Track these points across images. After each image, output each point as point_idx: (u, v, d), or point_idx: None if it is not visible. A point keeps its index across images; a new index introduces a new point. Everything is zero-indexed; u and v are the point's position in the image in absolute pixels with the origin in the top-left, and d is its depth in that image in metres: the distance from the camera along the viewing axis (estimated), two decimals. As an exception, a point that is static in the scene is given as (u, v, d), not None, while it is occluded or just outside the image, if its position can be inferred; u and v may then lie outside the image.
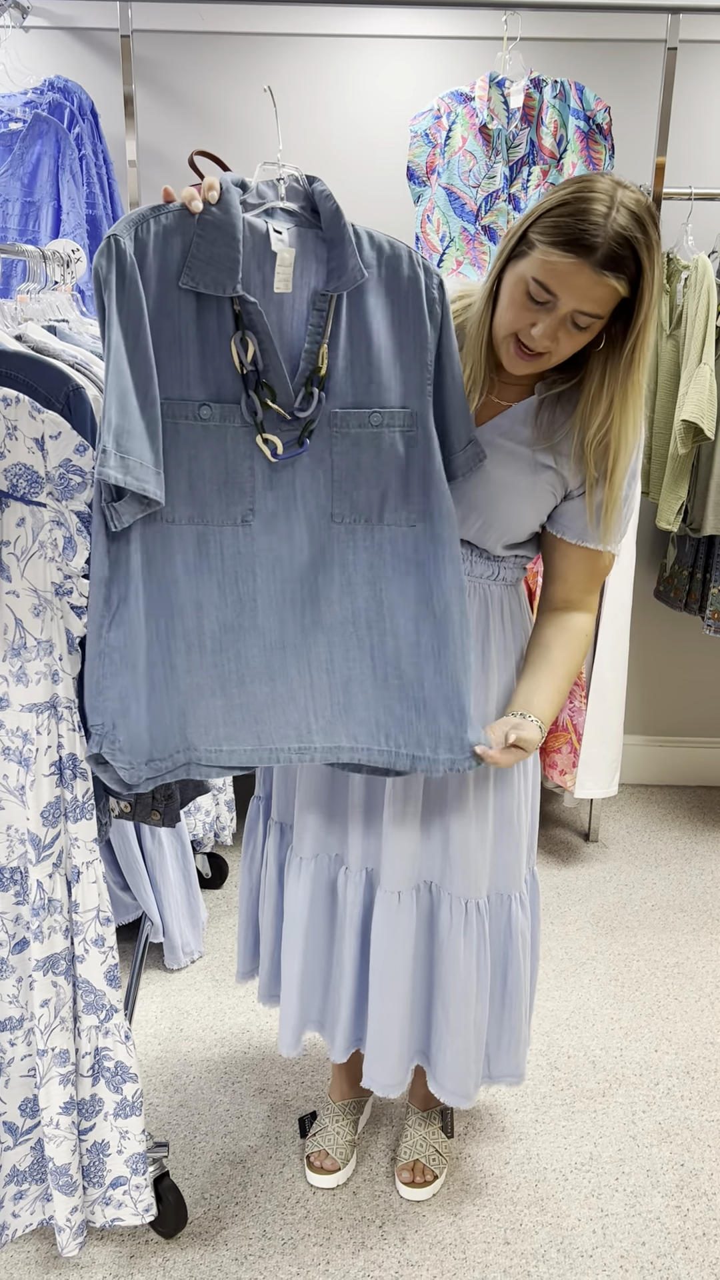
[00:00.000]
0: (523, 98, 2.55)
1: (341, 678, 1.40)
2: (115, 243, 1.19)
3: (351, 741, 1.42)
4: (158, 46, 2.84)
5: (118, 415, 1.20)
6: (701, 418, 2.58)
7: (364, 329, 1.31)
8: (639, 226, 1.26)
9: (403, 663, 1.39)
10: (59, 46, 2.83)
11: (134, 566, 1.28)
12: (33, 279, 1.76)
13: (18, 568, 1.29)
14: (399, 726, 1.41)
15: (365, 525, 1.37)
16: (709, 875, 2.88)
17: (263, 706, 1.39)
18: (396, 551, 1.38)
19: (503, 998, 1.63)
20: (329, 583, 1.37)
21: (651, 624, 3.29)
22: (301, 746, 1.42)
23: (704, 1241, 1.68)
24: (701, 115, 2.91)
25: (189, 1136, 1.88)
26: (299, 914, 1.59)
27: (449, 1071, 1.60)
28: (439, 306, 1.33)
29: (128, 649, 1.29)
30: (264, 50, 2.85)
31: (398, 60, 2.86)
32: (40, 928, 1.36)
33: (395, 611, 1.39)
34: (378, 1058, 1.60)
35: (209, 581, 1.34)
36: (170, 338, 1.25)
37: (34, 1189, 1.50)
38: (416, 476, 1.37)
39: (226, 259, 1.23)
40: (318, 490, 1.35)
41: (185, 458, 1.30)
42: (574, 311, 1.30)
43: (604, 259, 1.25)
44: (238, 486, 1.32)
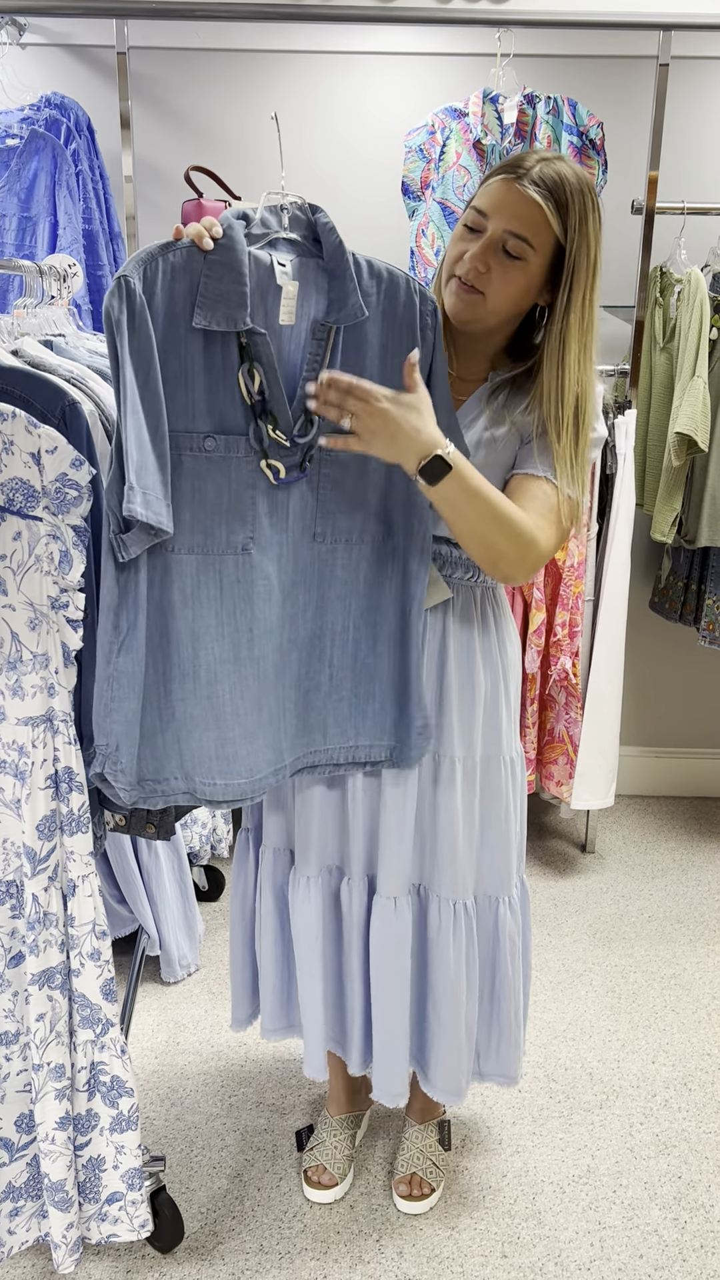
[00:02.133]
0: (516, 113, 2.57)
1: (305, 689, 1.45)
2: (126, 283, 1.21)
3: (309, 745, 1.47)
4: (154, 63, 2.86)
5: (137, 452, 1.23)
6: (695, 430, 2.59)
7: (359, 356, 1.34)
8: (575, 177, 1.36)
9: (357, 665, 1.46)
10: (56, 63, 2.85)
11: (141, 595, 1.31)
12: (29, 294, 1.78)
13: (14, 581, 1.30)
14: (345, 721, 1.47)
15: (345, 545, 1.41)
16: (705, 886, 2.88)
17: (253, 736, 1.40)
18: (371, 567, 1.43)
19: (491, 996, 1.65)
20: (307, 602, 1.42)
21: (647, 635, 3.30)
22: (277, 768, 1.45)
23: (701, 1254, 1.68)
24: (694, 130, 2.93)
25: (186, 1150, 1.87)
26: (311, 932, 1.58)
27: (441, 1069, 1.62)
28: (430, 332, 1.36)
29: (135, 675, 1.32)
30: (260, 67, 2.87)
31: (393, 76, 2.88)
32: (36, 941, 1.36)
33: (360, 622, 1.44)
34: (385, 1065, 1.61)
35: (207, 612, 1.35)
36: (177, 372, 1.28)
37: (30, 1205, 1.50)
38: (398, 496, 1.41)
39: (235, 294, 1.25)
40: (305, 513, 1.38)
41: (189, 489, 1.31)
42: (505, 233, 1.36)
43: (533, 179, 1.34)
44: (239, 516, 1.34)
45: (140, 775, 1.37)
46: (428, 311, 1.36)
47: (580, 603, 2.76)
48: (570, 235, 1.36)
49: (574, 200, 1.35)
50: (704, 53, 2.85)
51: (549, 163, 1.36)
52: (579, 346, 1.40)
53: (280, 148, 1.41)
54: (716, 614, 2.86)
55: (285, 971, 1.67)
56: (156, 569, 1.32)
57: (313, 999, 1.60)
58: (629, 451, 2.68)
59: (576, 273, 1.37)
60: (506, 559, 1.36)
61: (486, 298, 1.39)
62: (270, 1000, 1.68)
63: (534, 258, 1.37)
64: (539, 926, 2.64)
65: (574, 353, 1.40)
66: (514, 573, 1.40)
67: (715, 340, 2.69)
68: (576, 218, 1.35)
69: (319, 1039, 1.63)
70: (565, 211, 1.35)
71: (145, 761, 1.37)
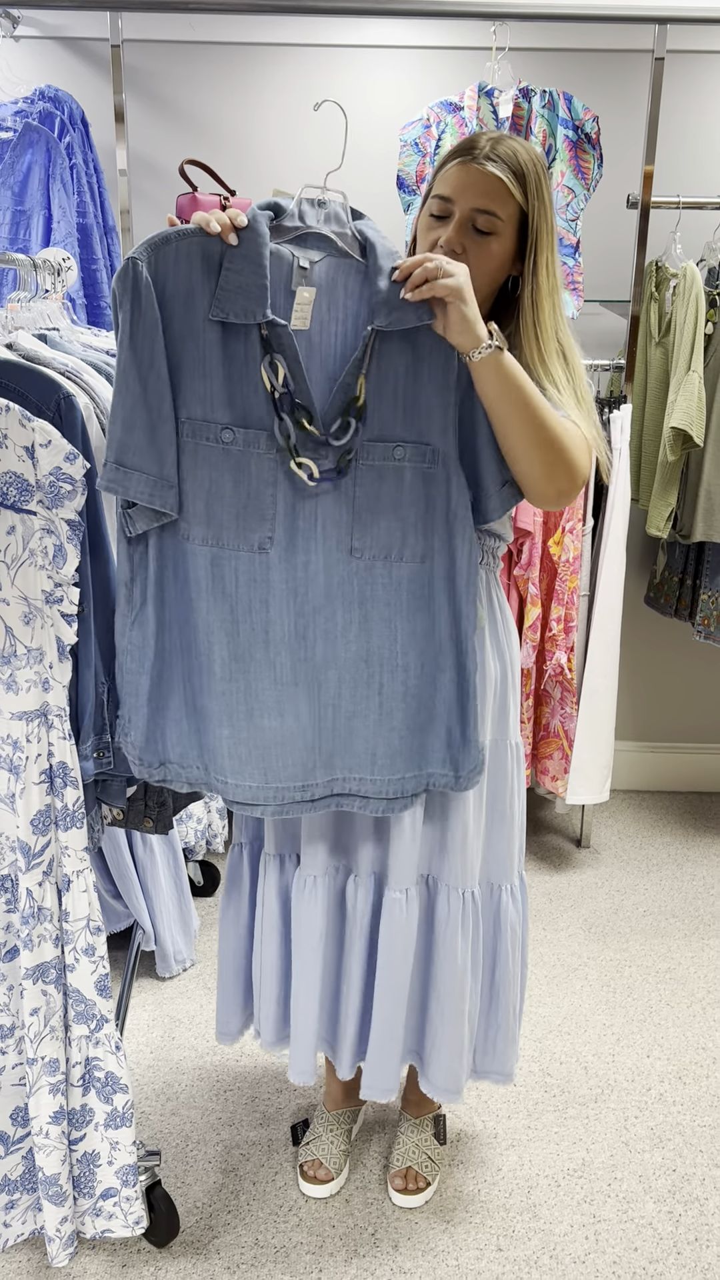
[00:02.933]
0: (511, 107, 2.56)
1: (347, 713, 1.41)
2: (133, 265, 1.21)
3: (346, 773, 1.43)
4: (148, 56, 2.85)
5: (122, 431, 1.25)
6: (690, 425, 2.59)
7: (393, 362, 1.31)
8: (525, 149, 1.42)
9: (408, 696, 1.41)
10: (49, 56, 2.84)
11: (151, 574, 1.33)
12: (23, 287, 1.77)
13: (8, 576, 1.29)
14: (395, 755, 1.43)
15: (384, 563, 1.36)
16: (700, 881, 2.89)
17: (271, 743, 1.38)
18: (414, 590, 1.38)
19: (491, 991, 1.64)
20: (349, 621, 1.37)
21: (642, 630, 3.30)
22: (305, 784, 1.42)
23: (696, 1247, 1.68)
24: (689, 125, 2.93)
25: (181, 1145, 1.87)
26: (314, 936, 1.56)
27: (442, 1067, 1.61)
28: None
29: (144, 651, 1.35)
30: (254, 60, 2.86)
31: (387, 70, 2.88)
32: (30, 936, 1.36)
33: (408, 649, 1.40)
34: (379, 1064, 1.59)
35: (221, 606, 1.34)
36: (195, 359, 1.27)
37: (25, 1199, 1.50)
38: (438, 513, 1.37)
39: (255, 287, 1.24)
40: (339, 523, 1.34)
41: (205, 479, 1.30)
42: (471, 211, 1.39)
43: (486, 155, 1.39)
44: (258, 513, 1.32)
45: (165, 756, 1.40)
46: None
47: (576, 598, 2.76)
48: (531, 203, 1.41)
49: (529, 170, 1.40)
50: (700, 47, 2.85)
51: (498, 140, 1.41)
52: (550, 305, 1.44)
53: (345, 139, 1.43)
54: (711, 609, 2.86)
55: (286, 980, 1.64)
56: (172, 555, 1.33)
57: (308, 1003, 1.58)
58: (624, 446, 2.68)
59: (539, 238, 1.42)
60: (561, 464, 1.34)
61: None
62: (272, 1012, 1.65)
63: (504, 229, 1.40)
64: (534, 921, 2.64)
65: (546, 311, 1.43)
66: (567, 484, 1.37)
67: (711, 335, 2.69)
68: (534, 186, 1.41)
69: (309, 1042, 1.60)
70: (524, 180, 1.40)
71: (171, 742, 1.40)
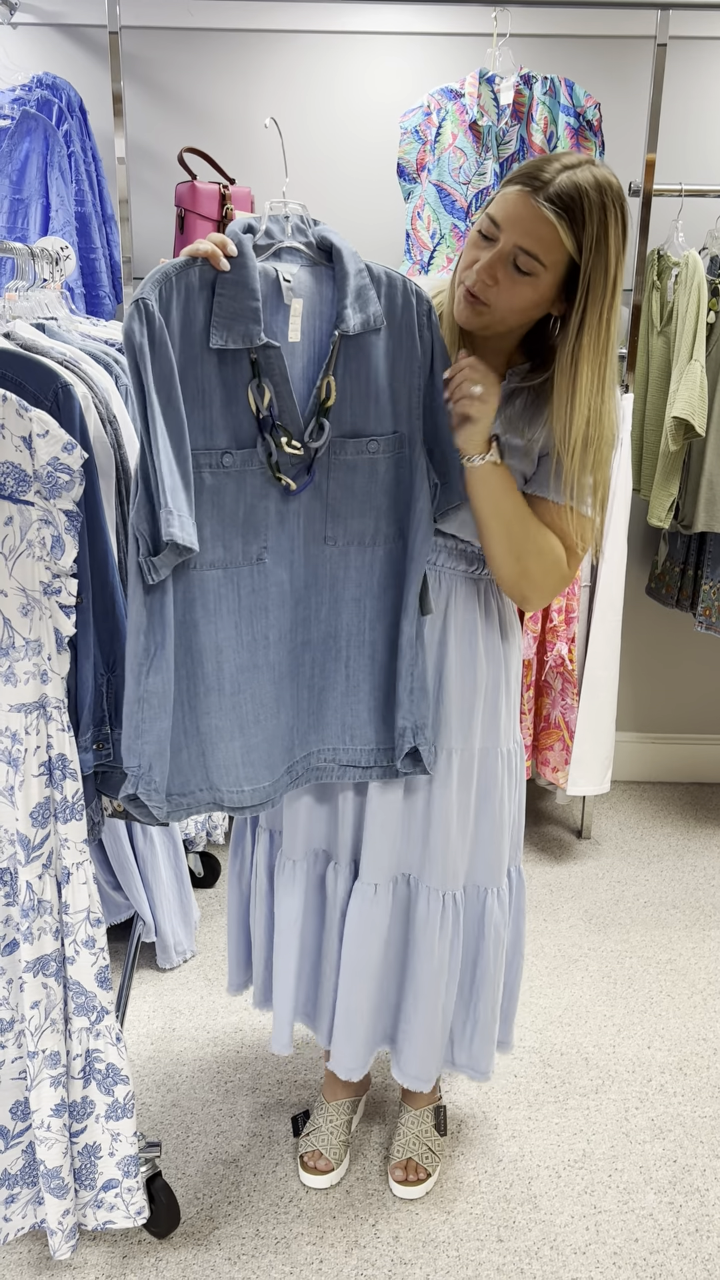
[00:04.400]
0: (513, 94, 2.54)
1: (319, 688, 1.46)
2: (145, 306, 1.20)
3: (320, 745, 1.49)
4: (146, 43, 2.83)
5: (169, 475, 1.23)
6: (692, 414, 2.58)
7: (364, 360, 1.34)
8: (597, 190, 1.27)
9: (375, 669, 1.46)
10: (47, 43, 2.82)
11: (168, 615, 1.31)
12: (21, 276, 1.75)
13: (5, 567, 1.29)
14: (365, 725, 1.48)
15: (359, 547, 1.41)
16: (701, 872, 2.89)
17: (272, 738, 1.43)
18: (384, 569, 1.43)
19: (471, 989, 1.66)
20: (320, 603, 1.42)
21: (643, 621, 3.29)
22: (290, 765, 1.47)
23: (696, 1237, 1.68)
24: (692, 111, 2.91)
25: (182, 1136, 1.87)
26: (292, 914, 1.60)
27: (413, 1057, 1.65)
28: (428, 331, 1.36)
29: (165, 694, 1.32)
30: (253, 47, 2.84)
31: (387, 57, 2.85)
32: (30, 929, 1.35)
33: (375, 624, 1.45)
34: (344, 1043, 1.63)
35: (227, 623, 1.36)
36: (195, 390, 1.28)
37: (25, 1192, 1.50)
38: (403, 495, 1.41)
39: (249, 311, 1.25)
40: (313, 516, 1.39)
41: (210, 504, 1.32)
42: (515, 248, 1.29)
43: (549, 195, 1.26)
44: (254, 527, 1.35)
45: (168, 791, 1.38)
46: (423, 312, 1.36)
47: (576, 588, 2.75)
48: (585, 254, 1.29)
49: (593, 216, 1.27)
50: (702, 32, 2.83)
51: (571, 171, 1.27)
52: (590, 370, 1.33)
53: (284, 154, 1.40)
54: (713, 599, 2.86)
55: (273, 948, 1.69)
56: (179, 587, 1.33)
57: (286, 975, 1.63)
58: (625, 436, 2.67)
59: (592, 291, 1.30)
60: (526, 582, 1.42)
61: (492, 308, 1.34)
62: (262, 974, 1.72)
63: (544, 274, 1.31)
64: (534, 912, 2.64)
65: (585, 375, 1.33)
66: (534, 594, 1.44)
67: (713, 324, 2.68)
68: (595, 234, 1.28)
69: (288, 1013, 1.65)
70: (581, 229, 1.27)
71: (172, 777, 1.38)
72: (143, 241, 2.91)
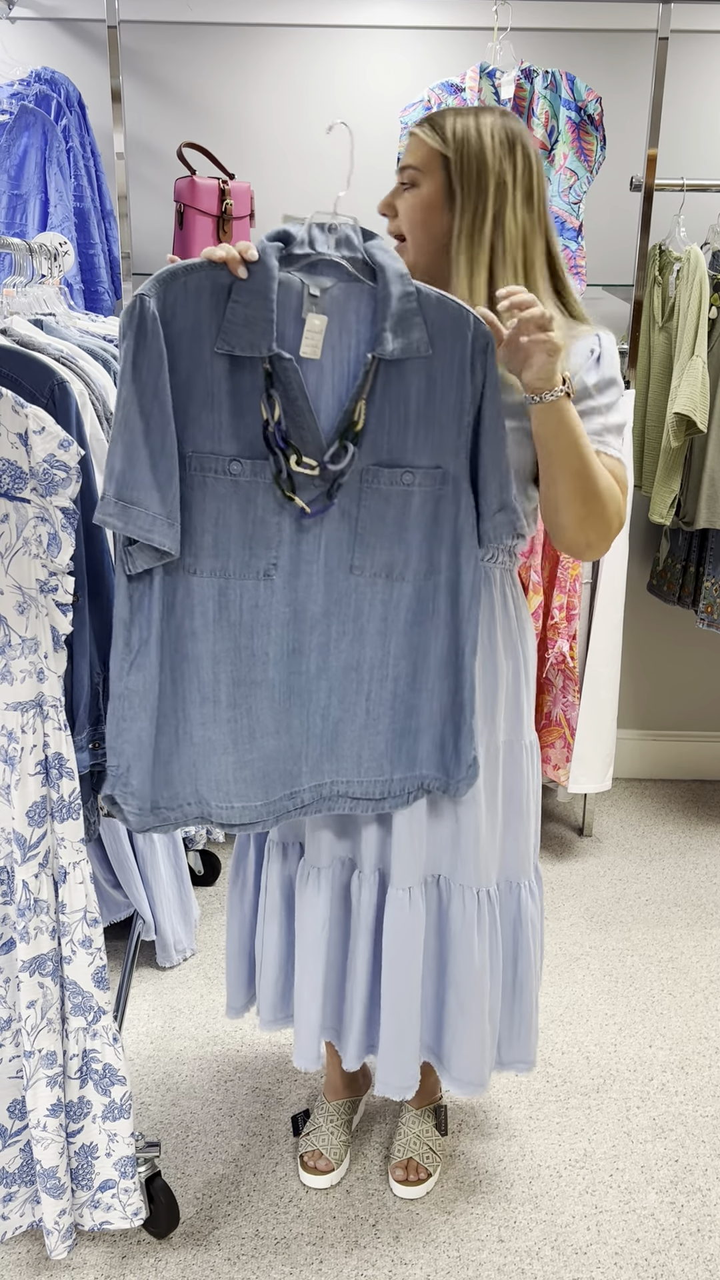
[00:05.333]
0: (514, 88, 2.53)
1: (335, 719, 1.41)
2: (140, 302, 1.20)
3: (333, 776, 1.44)
4: (145, 38, 2.82)
5: (122, 464, 1.22)
6: (694, 410, 2.57)
7: (405, 386, 1.30)
8: (471, 108, 1.40)
9: (397, 702, 1.42)
10: (46, 38, 2.81)
11: (154, 614, 1.29)
12: (19, 272, 1.75)
13: (1, 565, 1.28)
14: (380, 757, 1.44)
15: (385, 580, 1.36)
16: (703, 870, 2.88)
17: (270, 759, 1.40)
18: (412, 605, 1.38)
19: (514, 984, 1.62)
20: (341, 633, 1.38)
21: (645, 618, 3.28)
22: (293, 793, 1.43)
23: (698, 1237, 1.67)
24: (693, 106, 2.89)
25: (181, 1136, 1.87)
26: (317, 925, 1.55)
27: (464, 1062, 1.58)
28: (481, 367, 1.30)
29: (146, 694, 1.30)
30: (252, 41, 2.83)
31: (388, 51, 2.84)
32: (26, 928, 1.34)
33: (399, 659, 1.40)
34: (393, 1060, 1.57)
35: (226, 635, 1.33)
36: (203, 393, 1.26)
37: (23, 1191, 1.49)
38: (445, 534, 1.36)
39: (261, 320, 1.23)
40: (340, 543, 1.34)
41: (213, 511, 1.29)
42: (399, 175, 1.43)
43: (415, 125, 1.42)
44: (264, 541, 1.32)
45: (155, 801, 1.35)
46: (479, 347, 1.29)
47: (578, 585, 2.74)
48: (452, 145, 1.37)
49: (460, 117, 1.38)
50: (704, 26, 2.81)
51: (438, 112, 1.42)
52: (465, 258, 1.37)
53: (351, 159, 1.36)
54: (715, 596, 2.85)
55: (287, 964, 1.64)
56: (177, 590, 1.31)
57: (311, 989, 1.58)
58: (627, 432, 2.65)
59: (465, 176, 1.37)
60: (596, 519, 1.37)
61: (408, 241, 1.43)
62: (270, 993, 1.65)
63: (424, 180, 1.40)
64: (536, 910, 2.64)
65: (462, 263, 1.38)
66: (598, 539, 1.39)
67: (715, 319, 2.67)
68: (458, 129, 1.37)
69: (314, 1029, 1.60)
70: (442, 129, 1.38)
71: (159, 786, 1.35)
72: (142, 237, 2.90)
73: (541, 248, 1.41)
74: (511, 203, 1.38)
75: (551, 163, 2.59)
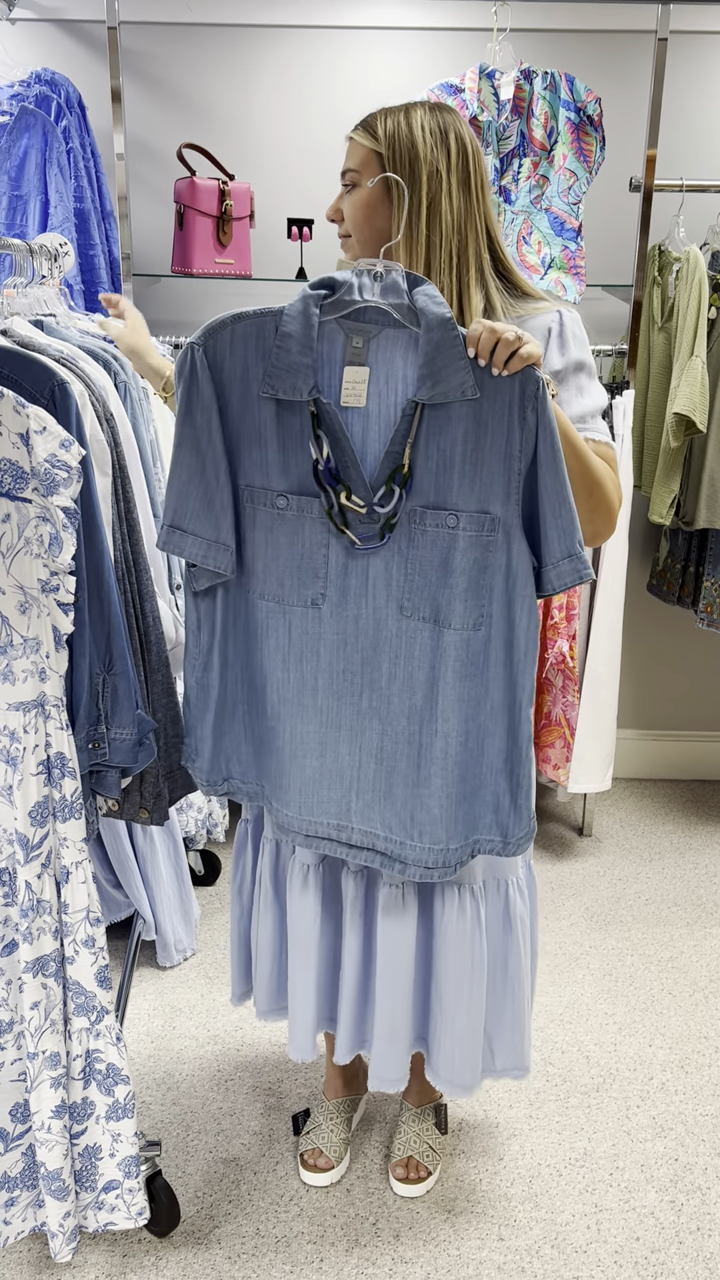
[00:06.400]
0: (513, 89, 2.53)
1: (388, 767, 1.43)
2: (191, 351, 1.31)
3: (386, 831, 1.45)
4: (145, 39, 2.82)
5: (177, 498, 1.35)
6: (694, 410, 2.57)
7: (451, 430, 1.30)
8: (400, 106, 1.43)
9: (449, 762, 1.40)
10: (46, 39, 2.81)
11: (217, 623, 1.44)
12: (20, 273, 1.75)
13: (3, 564, 1.28)
14: (435, 822, 1.42)
15: (433, 626, 1.36)
16: (703, 869, 2.88)
17: (309, 779, 1.45)
18: (463, 657, 1.37)
19: (504, 986, 1.61)
20: (393, 675, 1.39)
21: (645, 618, 3.29)
22: (340, 824, 1.46)
23: (698, 1236, 1.68)
24: (692, 106, 2.90)
25: (182, 1135, 1.87)
26: (309, 920, 1.56)
27: (446, 1061, 1.59)
28: (532, 414, 1.27)
29: (208, 692, 1.46)
30: (252, 42, 2.83)
31: (387, 52, 2.84)
32: (29, 929, 1.35)
33: (449, 714, 1.39)
34: (385, 1054, 1.58)
35: (276, 655, 1.41)
36: (253, 431, 1.34)
37: (26, 1195, 1.49)
38: (496, 583, 1.35)
39: (302, 366, 1.29)
40: (390, 580, 1.37)
41: (263, 540, 1.38)
42: (342, 179, 1.47)
43: (358, 125, 1.45)
44: (311, 571, 1.37)
45: (228, 773, 1.51)
46: (530, 393, 1.26)
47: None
48: (384, 142, 1.41)
49: (390, 116, 1.42)
50: (703, 27, 2.82)
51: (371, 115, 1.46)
52: (406, 253, 1.41)
53: (403, 212, 1.39)
54: (714, 596, 2.85)
55: (281, 957, 1.66)
56: (237, 607, 1.43)
57: (305, 983, 1.59)
58: (627, 433, 2.66)
59: (400, 171, 1.41)
60: (600, 508, 1.41)
61: (352, 236, 1.47)
62: (266, 984, 1.67)
63: (362, 179, 1.44)
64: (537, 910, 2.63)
65: (400, 257, 1.42)
66: (604, 526, 1.44)
67: (714, 320, 2.67)
68: (391, 127, 1.41)
69: (310, 1021, 1.61)
70: (374, 129, 1.42)
71: (233, 765, 1.51)
72: (142, 238, 2.90)
73: (481, 230, 1.44)
74: (447, 189, 1.41)
75: (551, 163, 2.59)
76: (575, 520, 1.31)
